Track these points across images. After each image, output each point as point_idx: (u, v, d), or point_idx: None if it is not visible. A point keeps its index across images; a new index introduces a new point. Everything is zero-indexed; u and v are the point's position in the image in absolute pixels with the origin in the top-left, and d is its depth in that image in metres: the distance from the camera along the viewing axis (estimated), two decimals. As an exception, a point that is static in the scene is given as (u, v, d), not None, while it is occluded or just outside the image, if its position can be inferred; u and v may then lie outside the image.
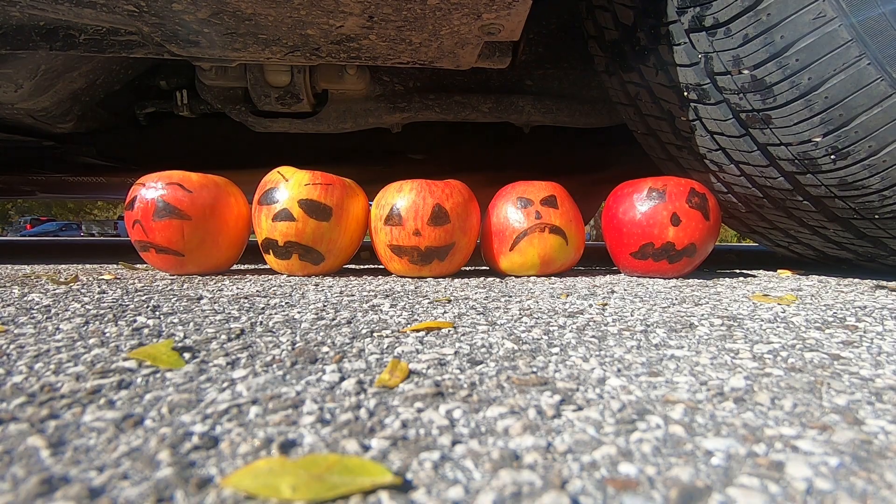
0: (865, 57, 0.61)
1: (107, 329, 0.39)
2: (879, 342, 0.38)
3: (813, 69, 0.63)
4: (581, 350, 0.35)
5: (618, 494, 0.17)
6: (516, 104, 1.15)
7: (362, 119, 1.12)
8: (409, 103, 1.13)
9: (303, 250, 0.77)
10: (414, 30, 0.72)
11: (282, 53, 0.77)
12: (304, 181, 0.76)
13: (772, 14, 0.63)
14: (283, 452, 0.20)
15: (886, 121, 0.63)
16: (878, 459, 0.20)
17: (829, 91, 0.63)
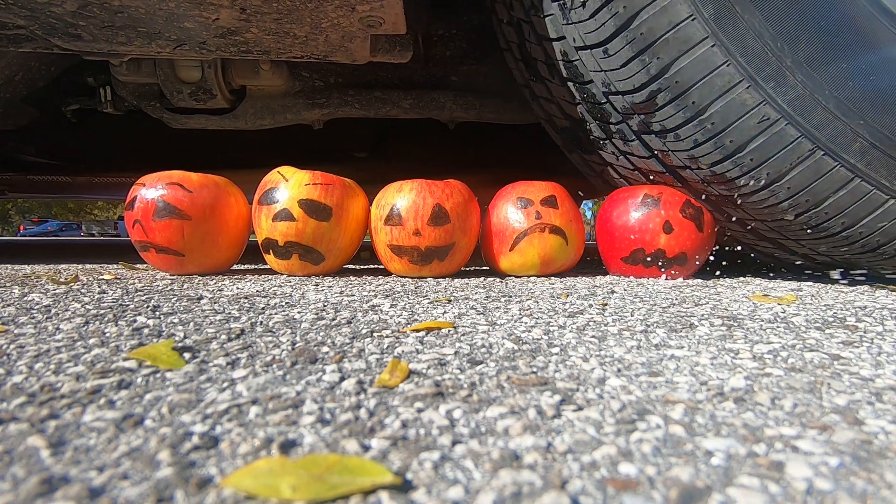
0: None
1: (107, 329, 0.39)
2: (879, 342, 0.38)
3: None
4: (581, 350, 0.35)
5: (618, 494, 0.17)
6: (437, 100, 1.14)
7: (280, 115, 1.12)
8: (328, 99, 1.12)
9: (303, 250, 0.77)
10: (294, 23, 0.73)
11: (170, 47, 0.77)
12: (305, 181, 0.76)
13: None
14: (283, 452, 0.20)
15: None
16: (878, 459, 0.20)
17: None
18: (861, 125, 0.62)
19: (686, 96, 0.64)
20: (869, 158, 0.63)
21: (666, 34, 0.63)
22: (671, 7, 0.62)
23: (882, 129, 0.63)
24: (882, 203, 0.65)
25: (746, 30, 0.61)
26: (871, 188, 0.64)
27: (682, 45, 0.63)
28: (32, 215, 18.24)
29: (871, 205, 0.66)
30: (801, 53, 0.61)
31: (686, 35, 0.62)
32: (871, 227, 0.67)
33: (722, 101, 0.63)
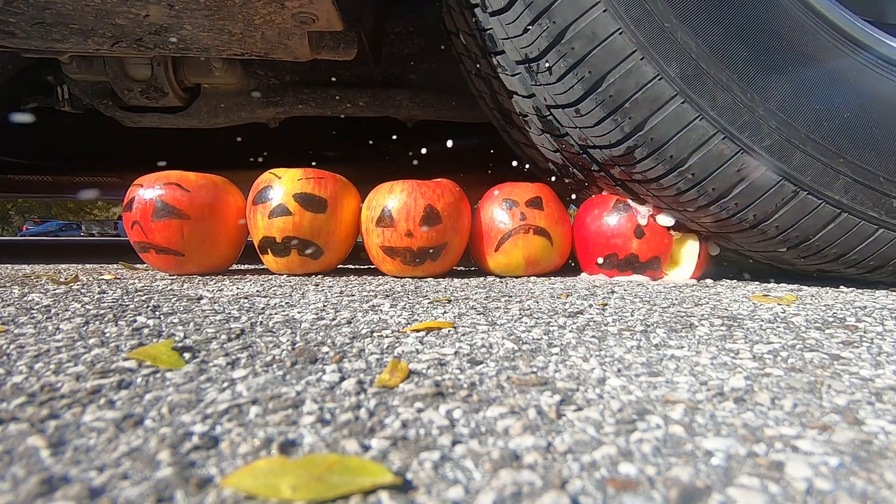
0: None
1: (107, 329, 0.39)
2: (879, 342, 0.38)
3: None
4: (581, 350, 0.35)
5: (618, 494, 0.17)
6: (394, 98, 1.14)
7: (234, 114, 1.12)
8: (282, 98, 1.12)
9: (302, 245, 0.77)
10: (226, 19, 0.73)
11: (107, 44, 0.78)
12: (297, 176, 0.77)
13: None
14: (283, 452, 0.20)
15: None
16: (878, 459, 0.20)
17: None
18: (841, 163, 0.64)
19: (663, 150, 0.66)
20: (853, 193, 0.65)
21: (635, 95, 0.64)
22: (636, 70, 0.63)
23: (863, 164, 0.64)
24: (872, 233, 0.67)
25: (715, 85, 0.62)
26: (859, 220, 0.66)
27: (652, 104, 0.64)
28: (33, 215, 18.24)
29: (861, 235, 0.67)
30: (773, 102, 0.63)
31: (655, 94, 0.63)
32: (864, 254, 0.69)
33: (699, 154, 0.65)
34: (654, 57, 0.62)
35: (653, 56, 0.62)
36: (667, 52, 0.62)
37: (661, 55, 0.62)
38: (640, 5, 0.61)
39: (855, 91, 0.64)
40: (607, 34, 0.62)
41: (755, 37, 0.63)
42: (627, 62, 0.62)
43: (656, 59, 0.62)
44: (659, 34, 0.61)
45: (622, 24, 0.61)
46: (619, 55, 0.62)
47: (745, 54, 0.62)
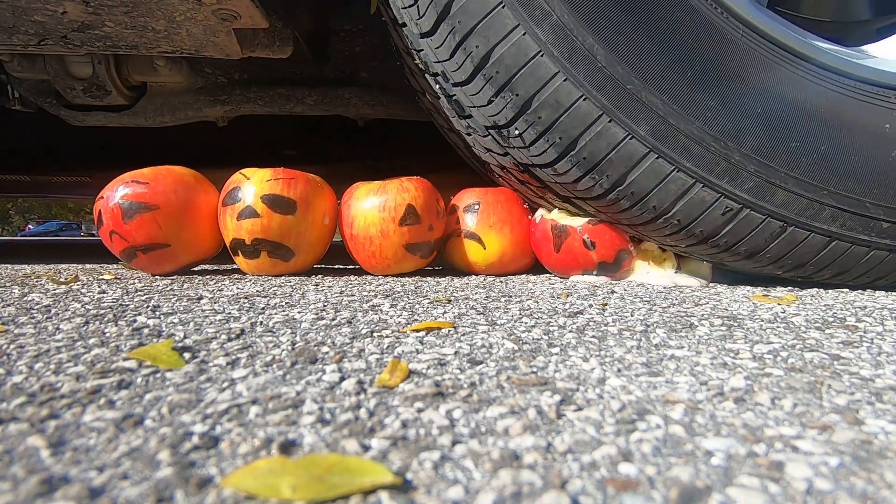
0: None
1: (107, 329, 0.39)
2: (879, 342, 0.38)
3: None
4: (581, 350, 0.35)
5: (618, 494, 0.17)
6: (342, 97, 1.13)
7: (181, 112, 1.11)
8: (229, 96, 1.12)
9: (271, 247, 0.77)
10: (145, 16, 0.73)
11: (34, 41, 0.78)
12: (266, 177, 0.77)
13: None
14: (283, 452, 0.20)
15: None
16: (879, 459, 0.20)
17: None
18: (825, 194, 0.65)
19: (646, 201, 0.67)
20: (842, 221, 0.66)
21: (609, 155, 0.64)
22: (607, 132, 0.63)
23: (847, 192, 0.65)
24: (864, 255, 0.68)
25: (687, 138, 0.63)
26: (850, 245, 0.67)
27: (628, 162, 0.65)
28: (33, 216, 18.25)
29: (855, 258, 0.68)
30: (747, 146, 0.64)
31: (630, 153, 0.64)
32: (859, 272, 0.71)
33: (682, 202, 0.66)
34: (622, 118, 0.63)
35: (619, 118, 0.63)
36: (634, 112, 0.63)
37: (628, 116, 0.63)
38: (601, 71, 0.62)
39: (828, 122, 0.65)
40: (571, 102, 0.63)
41: (721, 86, 0.64)
42: (596, 125, 0.63)
43: (624, 119, 0.63)
44: (623, 96, 0.62)
45: (585, 90, 0.62)
46: (587, 119, 0.63)
47: (713, 103, 0.63)
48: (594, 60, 0.62)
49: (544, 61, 0.62)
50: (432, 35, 0.67)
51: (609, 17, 0.62)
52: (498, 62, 0.63)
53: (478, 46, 0.63)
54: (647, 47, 0.62)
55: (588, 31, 0.61)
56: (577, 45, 0.61)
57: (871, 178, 0.65)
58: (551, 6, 0.61)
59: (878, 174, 0.65)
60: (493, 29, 0.62)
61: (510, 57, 0.63)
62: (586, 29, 0.61)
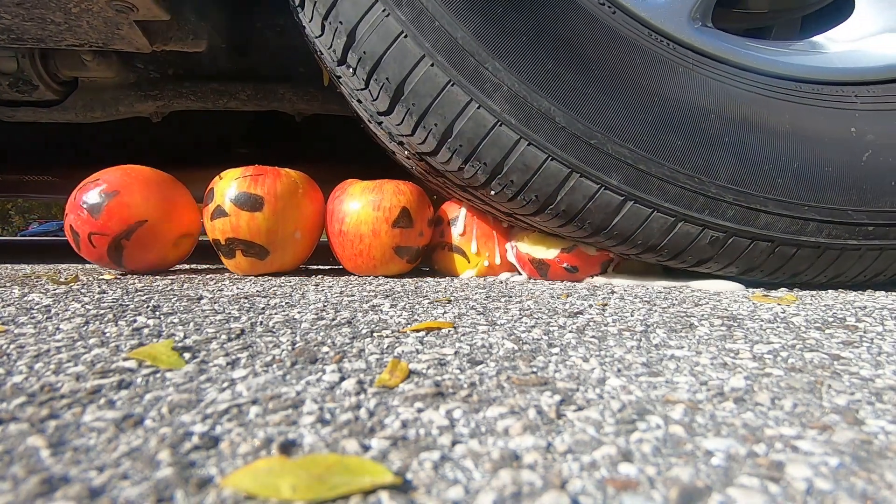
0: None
1: (107, 329, 0.39)
2: (879, 342, 0.38)
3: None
4: (581, 350, 0.35)
5: (618, 494, 0.17)
6: (276, 92, 1.12)
7: (112, 108, 1.10)
8: (161, 91, 1.10)
9: (244, 246, 0.76)
10: (41, 8, 0.73)
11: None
12: (235, 175, 0.76)
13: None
14: (283, 452, 0.20)
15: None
16: (878, 459, 0.20)
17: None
18: (807, 209, 0.66)
19: (633, 239, 0.68)
20: (828, 231, 0.67)
21: (588, 205, 0.65)
22: (580, 186, 0.64)
23: (827, 203, 0.66)
24: (858, 257, 0.69)
25: (661, 180, 0.64)
26: (840, 251, 0.68)
27: (607, 209, 0.65)
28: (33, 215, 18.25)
29: (849, 260, 0.69)
30: (722, 177, 0.64)
31: (606, 202, 0.65)
32: (855, 273, 0.71)
33: (668, 237, 0.67)
34: (592, 172, 0.63)
35: (590, 172, 0.63)
36: (603, 164, 0.63)
37: (598, 169, 0.63)
38: (562, 131, 0.62)
39: (794, 137, 0.66)
40: (539, 164, 0.64)
41: (685, 122, 0.64)
42: (569, 181, 0.64)
43: (595, 173, 0.63)
44: (590, 151, 0.63)
45: (550, 151, 0.63)
46: (558, 177, 0.64)
47: (681, 143, 0.64)
48: (554, 122, 0.62)
49: (504, 130, 0.63)
50: (390, 114, 0.68)
51: (561, 79, 0.63)
52: (460, 135, 0.64)
53: (436, 124, 0.64)
54: (604, 100, 0.63)
55: (542, 94, 0.62)
56: (534, 109, 0.62)
57: (848, 186, 0.66)
58: (500, 78, 0.62)
59: (854, 180, 0.66)
60: (448, 107, 0.63)
61: (471, 130, 0.63)
62: (540, 93, 0.62)
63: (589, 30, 0.64)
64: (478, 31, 0.61)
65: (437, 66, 0.61)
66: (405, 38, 0.61)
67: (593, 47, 0.64)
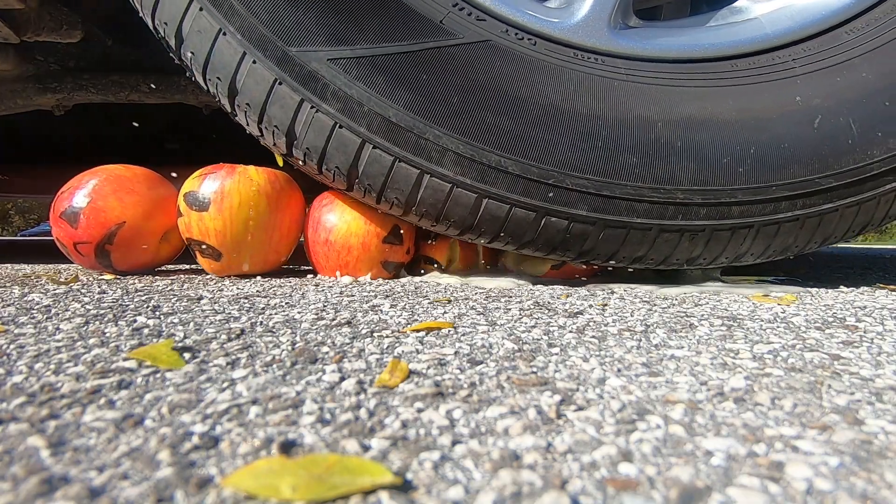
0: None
1: (107, 329, 0.39)
2: (880, 342, 0.38)
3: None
4: (581, 350, 0.35)
5: (618, 494, 0.17)
6: (178, 84, 1.11)
7: (10, 101, 1.08)
8: (61, 83, 1.09)
9: (199, 245, 0.76)
10: None
11: None
12: (193, 174, 0.76)
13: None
14: (283, 452, 0.20)
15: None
16: (879, 459, 0.20)
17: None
18: (775, 189, 0.66)
19: (617, 256, 0.69)
20: (802, 202, 0.67)
21: (567, 237, 0.66)
22: (552, 225, 0.65)
23: (793, 178, 0.66)
24: (838, 218, 0.69)
25: (628, 201, 0.64)
26: (819, 217, 0.68)
27: (582, 237, 0.66)
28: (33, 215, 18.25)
29: (831, 223, 0.70)
30: (684, 182, 0.65)
31: (581, 231, 0.65)
32: (843, 231, 0.72)
33: (654, 247, 0.68)
34: (558, 210, 0.64)
35: (556, 210, 0.64)
36: (567, 200, 0.64)
37: (564, 205, 0.64)
38: (519, 179, 0.63)
39: (747, 123, 0.66)
40: (504, 214, 0.64)
41: (634, 138, 0.64)
42: (540, 223, 0.65)
43: (561, 210, 0.64)
44: (551, 190, 0.64)
45: (512, 201, 0.63)
46: (528, 222, 0.65)
47: (636, 159, 0.64)
48: (507, 172, 0.62)
49: (461, 192, 0.63)
50: (351, 191, 0.69)
51: (502, 128, 0.63)
52: (422, 202, 0.65)
53: (397, 197, 0.66)
54: (550, 138, 0.63)
55: (489, 149, 0.62)
56: (485, 165, 0.62)
57: (809, 156, 0.66)
58: (443, 144, 0.62)
59: (813, 149, 0.66)
60: (403, 181, 0.64)
61: (431, 197, 0.64)
62: (486, 149, 0.62)
63: (515, 69, 0.64)
64: (409, 104, 0.62)
65: (379, 148, 0.62)
66: (340, 128, 0.62)
67: (525, 86, 0.63)
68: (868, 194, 0.68)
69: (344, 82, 0.61)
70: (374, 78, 0.61)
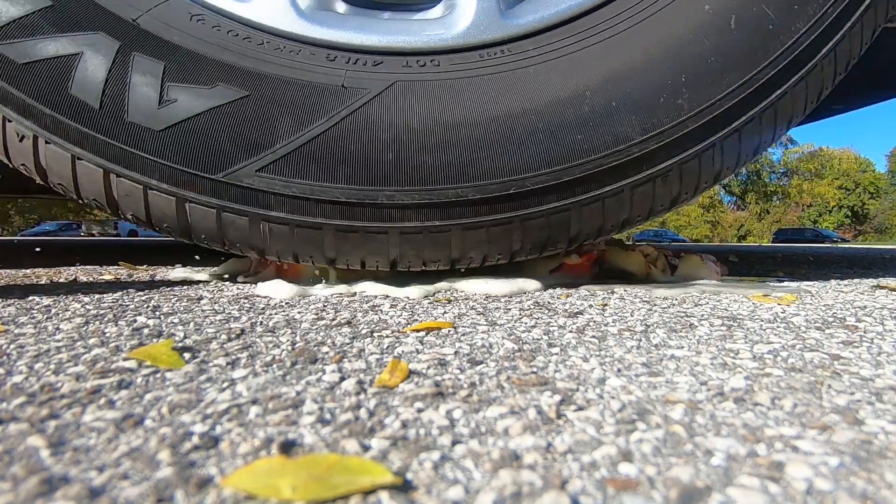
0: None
1: (107, 329, 0.39)
2: (879, 342, 0.38)
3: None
4: (581, 350, 0.35)
5: (618, 494, 0.17)
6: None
7: None
8: None
9: None
10: None
11: None
12: None
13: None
14: (283, 452, 0.20)
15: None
16: (878, 459, 0.20)
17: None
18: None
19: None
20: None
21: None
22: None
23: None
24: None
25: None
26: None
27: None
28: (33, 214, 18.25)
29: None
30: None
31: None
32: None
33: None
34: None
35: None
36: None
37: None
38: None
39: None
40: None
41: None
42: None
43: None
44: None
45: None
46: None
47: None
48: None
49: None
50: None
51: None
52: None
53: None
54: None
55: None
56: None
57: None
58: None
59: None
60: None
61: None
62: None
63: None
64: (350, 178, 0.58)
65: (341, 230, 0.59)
66: (300, 228, 0.59)
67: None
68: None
69: (281, 185, 0.57)
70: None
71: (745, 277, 0.86)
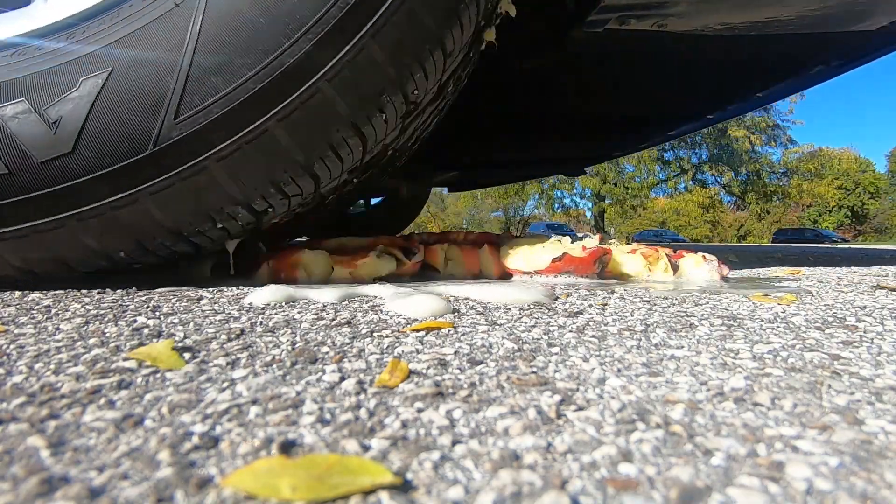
0: None
1: (107, 329, 0.39)
2: (879, 342, 0.38)
3: None
4: (581, 350, 0.35)
5: (618, 494, 0.17)
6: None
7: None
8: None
9: None
10: None
11: None
12: None
13: None
14: (283, 452, 0.20)
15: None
16: (878, 459, 0.20)
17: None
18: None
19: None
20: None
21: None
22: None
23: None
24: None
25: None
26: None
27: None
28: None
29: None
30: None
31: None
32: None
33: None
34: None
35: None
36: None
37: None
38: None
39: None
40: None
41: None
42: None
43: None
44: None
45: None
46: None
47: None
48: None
49: None
50: None
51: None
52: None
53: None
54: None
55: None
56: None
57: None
58: None
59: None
60: None
61: None
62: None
63: None
64: None
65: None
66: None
67: None
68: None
69: None
70: None
71: (747, 277, 0.86)
